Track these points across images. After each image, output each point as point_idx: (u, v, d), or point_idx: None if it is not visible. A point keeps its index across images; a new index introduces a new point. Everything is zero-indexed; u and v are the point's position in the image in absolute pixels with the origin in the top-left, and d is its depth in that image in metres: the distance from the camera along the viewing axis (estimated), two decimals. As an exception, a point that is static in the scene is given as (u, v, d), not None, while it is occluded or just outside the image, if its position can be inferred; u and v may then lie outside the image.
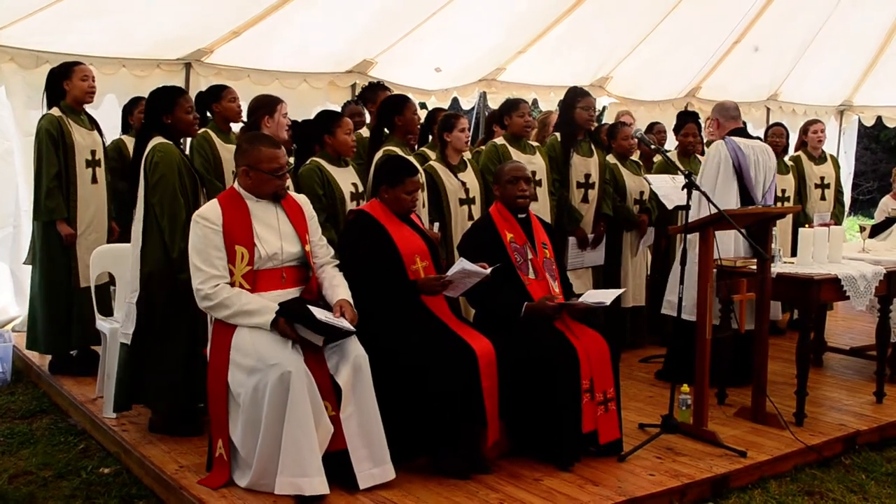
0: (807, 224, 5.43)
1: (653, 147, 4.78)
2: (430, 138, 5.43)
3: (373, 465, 3.47)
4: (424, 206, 4.89)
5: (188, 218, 3.76)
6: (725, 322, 4.68)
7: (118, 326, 4.40)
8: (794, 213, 6.41)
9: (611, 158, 6.09)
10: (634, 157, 6.39)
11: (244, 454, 3.42)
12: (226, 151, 4.65)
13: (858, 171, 14.04)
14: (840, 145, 10.67)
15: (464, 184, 5.12)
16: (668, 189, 5.45)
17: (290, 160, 4.34)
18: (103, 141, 5.31)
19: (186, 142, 4.80)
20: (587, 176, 5.76)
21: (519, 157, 5.26)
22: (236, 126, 4.95)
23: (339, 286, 3.66)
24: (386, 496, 3.41)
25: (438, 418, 3.57)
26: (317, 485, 3.29)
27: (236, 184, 3.65)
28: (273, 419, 3.28)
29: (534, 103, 8.26)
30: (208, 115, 4.87)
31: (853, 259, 5.00)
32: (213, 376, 3.45)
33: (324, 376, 3.42)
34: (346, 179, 4.52)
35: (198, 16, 6.31)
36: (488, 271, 3.79)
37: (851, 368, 5.75)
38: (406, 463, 3.61)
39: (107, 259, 4.73)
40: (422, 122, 5.48)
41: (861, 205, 17.10)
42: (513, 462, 3.79)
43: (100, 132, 5.28)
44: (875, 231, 6.48)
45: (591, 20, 7.90)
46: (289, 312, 3.38)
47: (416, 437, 3.63)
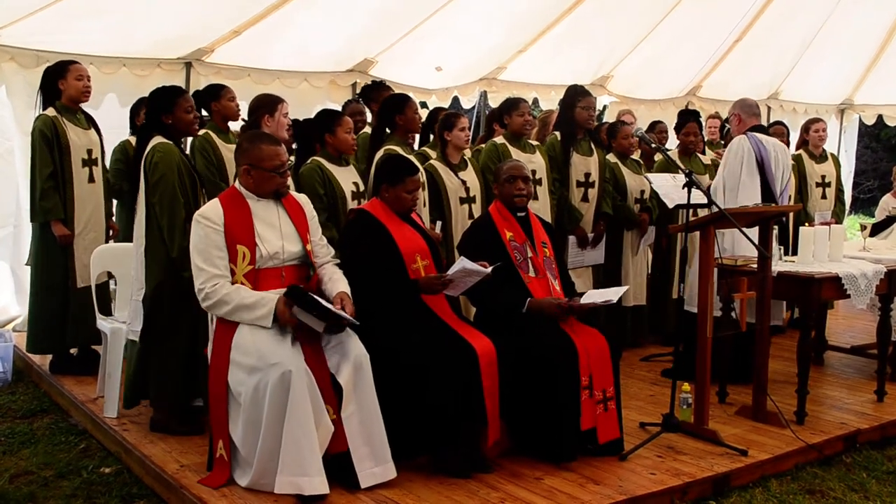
0: (807, 223, 5.44)
1: (653, 146, 4.78)
2: (431, 137, 5.43)
3: (374, 464, 3.47)
4: (425, 206, 4.88)
5: (188, 217, 3.76)
6: (726, 320, 4.68)
7: (120, 326, 4.41)
8: (795, 212, 6.41)
9: (611, 157, 6.09)
10: (635, 156, 6.39)
11: (245, 453, 3.42)
12: (227, 151, 4.64)
13: (859, 170, 14.05)
14: (841, 144, 10.65)
15: (464, 183, 5.11)
16: (669, 188, 5.42)
17: (291, 159, 4.34)
18: (101, 140, 5.26)
19: (187, 142, 4.80)
20: (587, 175, 5.76)
21: (519, 156, 5.26)
22: (235, 125, 4.93)
23: (339, 280, 3.66)
24: (387, 495, 3.41)
25: (439, 417, 3.57)
26: (317, 484, 3.29)
27: (237, 183, 3.65)
28: (273, 418, 3.29)
29: (534, 102, 8.26)
30: (204, 114, 4.82)
31: (854, 258, 5.00)
32: (214, 376, 3.46)
33: (324, 376, 3.42)
34: (347, 178, 4.52)
35: (198, 15, 6.31)
36: (489, 270, 3.78)
37: (852, 367, 5.75)
38: (407, 462, 3.61)
39: (107, 258, 4.73)
40: (423, 122, 5.49)
41: (862, 203, 17.10)
42: (513, 461, 3.79)
43: (97, 131, 5.24)
44: (876, 230, 6.47)
45: (592, 19, 7.90)
46: (293, 293, 3.37)
47: (417, 436, 3.63)
